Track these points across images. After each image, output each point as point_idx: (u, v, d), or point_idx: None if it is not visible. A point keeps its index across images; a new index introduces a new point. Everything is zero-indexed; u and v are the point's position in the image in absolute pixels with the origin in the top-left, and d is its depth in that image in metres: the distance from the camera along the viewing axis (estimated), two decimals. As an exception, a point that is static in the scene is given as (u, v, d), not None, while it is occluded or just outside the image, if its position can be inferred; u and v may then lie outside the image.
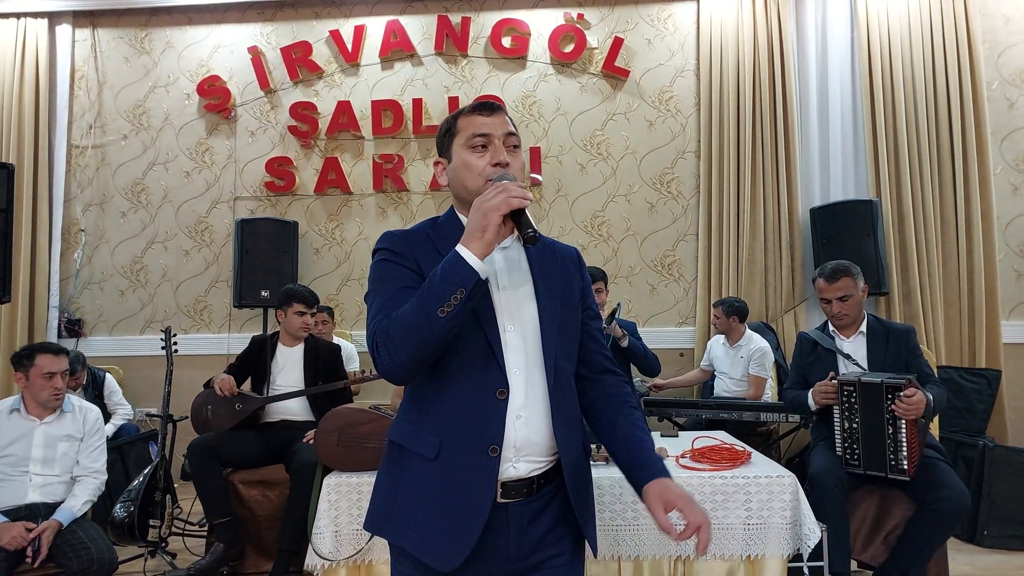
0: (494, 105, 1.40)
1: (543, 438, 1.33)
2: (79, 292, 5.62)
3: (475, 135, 1.36)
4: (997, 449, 3.90)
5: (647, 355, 3.77)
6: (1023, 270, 5.10)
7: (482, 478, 1.28)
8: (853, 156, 5.24)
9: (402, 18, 5.59)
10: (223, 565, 3.25)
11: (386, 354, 1.24)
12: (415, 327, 1.21)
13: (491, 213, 1.20)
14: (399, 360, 1.23)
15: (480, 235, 1.21)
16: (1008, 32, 5.20)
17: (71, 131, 5.70)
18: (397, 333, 1.23)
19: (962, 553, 3.61)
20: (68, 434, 2.91)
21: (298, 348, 3.69)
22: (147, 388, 5.31)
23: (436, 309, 1.19)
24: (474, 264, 1.20)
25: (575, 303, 1.44)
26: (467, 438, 1.29)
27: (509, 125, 1.39)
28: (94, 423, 3.00)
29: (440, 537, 1.27)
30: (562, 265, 1.44)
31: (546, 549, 1.34)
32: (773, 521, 2.36)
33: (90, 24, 5.75)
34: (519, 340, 1.34)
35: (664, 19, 5.50)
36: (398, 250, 1.36)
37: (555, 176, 5.48)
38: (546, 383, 1.33)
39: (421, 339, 1.21)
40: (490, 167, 1.34)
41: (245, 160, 5.63)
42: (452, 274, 1.20)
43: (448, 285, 1.19)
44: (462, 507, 1.28)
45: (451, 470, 1.29)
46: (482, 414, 1.29)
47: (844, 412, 2.85)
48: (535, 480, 1.33)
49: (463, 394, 1.30)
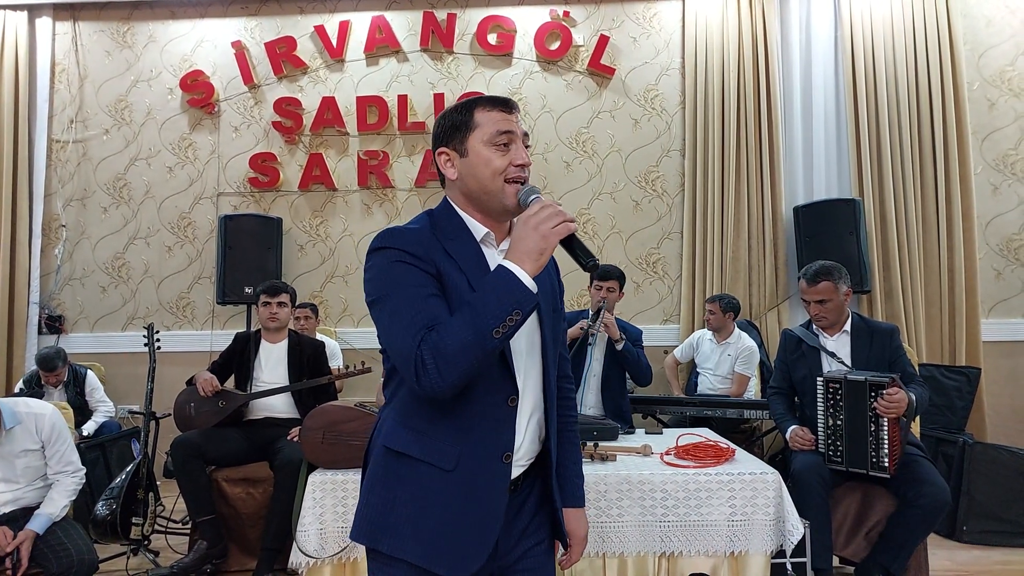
0: (512, 101, 1.36)
1: (531, 442, 1.37)
2: (60, 288, 5.55)
3: (501, 132, 1.31)
4: (977, 446, 3.95)
5: (640, 363, 3.71)
6: (1003, 269, 5.17)
7: (496, 485, 1.29)
8: (836, 155, 5.28)
9: (387, 14, 5.56)
10: (206, 563, 3.22)
11: (436, 373, 1.18)
12: (470, 347, 1.16)
13: (551, 238, 1.19)
14: (451, 379, 1.18)
15: (537, 257, 1.19)
16: (989, 33, 5.26)
17: (51, 125, 5.62)
18: (451, 352, 1.17)
19: (942, 549, 3.66)
20: (24, 448, 2.69)
21: (282, 345, 3.67)
22: (129, 385, 5.26)
23: (491, 330, 1.16)
24: (530, 286, 1.18)
25: (558, 307, 1.46)
26: (485, 447, 1.29)
27: (523, 125, 1.38)
28: (51, 428, 2.73)
29: (456, 545, 1.26)
30: (546, 271, 1.40)
31: (528, 538, 1.39)
32: (757, 518, 2.37)
33: (71, 17, 5.67)
34: (526, 346, 1.35)
35: (649, 17, 5.51)
36: (414, 252, 1.27)
37: (541, 173, 5.48)
38: (542, 387, 1.37)
39: (475, 359, 1.17)
40: (513, 167, 1.30)
41: (228, 156, 5.58)
42: (508, 294, 1.17)
43: (504, 306, 1.16)
44: (480, 515, 1.28)
45: (469, 479, 1.28)
46: (497, 422, 1.30)
47: (828, 410, 2.87)
48: (520, 480, 1.36)
49: (479, 403, 1.28)
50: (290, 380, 3.59)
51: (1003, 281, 5.17)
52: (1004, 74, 5.24)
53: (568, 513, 1.48)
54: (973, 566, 3.46)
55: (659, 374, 5.06)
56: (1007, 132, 5.22)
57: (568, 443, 1.52)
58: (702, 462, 2.53)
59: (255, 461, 3.46)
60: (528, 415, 1.35)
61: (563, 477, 1.48)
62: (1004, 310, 5.15)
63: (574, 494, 1.51)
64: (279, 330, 3.68)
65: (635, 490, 2.40)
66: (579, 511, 1.52)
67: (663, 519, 2.38)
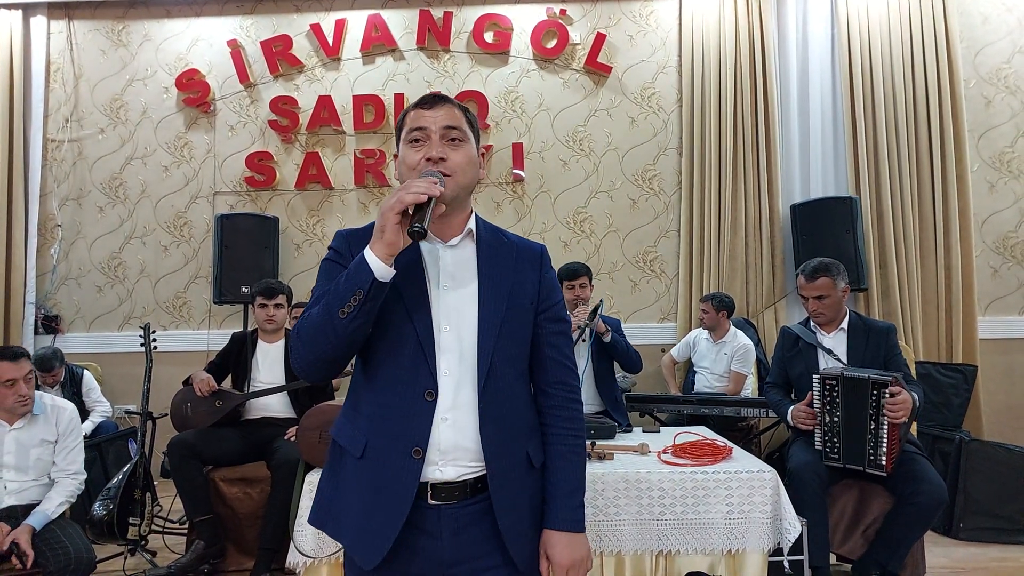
0: (437, 98, 1.36)
1: (472, 443, 1.29)
2: (56, 288, 5.54)
3: (412, 129, 1.34)
4: (973, 443, 3.95)
5: (629, 352, 3.77)
6: (999, 267, 5.18)
7: (403, 479, 1.27)
8: (833, 153, 5.29)
9: (384, 12, 5.55)
10: (204, 563, 3.22)
11: (295, 353, 1.27)
12: (320, 328, 1.22)
13: (387, 213, 1.18)
14: (307, 360, 1.26)
15: (380, 235, 1.19)
16: (985, 31, 5.27)
17: (47, 125, 5.60)
18: (305, 333, 1.25)
19: (938, 546, 3.66)
20: (42, 439, 2.82)
21: (278, 344, 3.67)
22: (126, 385, 5.25)
23: (338, 310, 1.20)
24: (373, 265, 1.18)
25: (525, 305, 1.37)
26: (391, 438, 1.28)
27: (452, 119, 1.33)
28: (68, 423, 2.89)
29: (364, 535, 1.29)
30: (516, 264, 1.39)
31: (485, 557, 1.30)
32: (754, 516, 2.37)
33: (65, 16, 5.65)
34: (455, 341, 1.30)
35: (646, 16, 5.51)
36: (340, 249, 1.35)
37: (538, 172, 5.48)
38: (476, 386, 1.29)
39: (326, 340, 1.22)
40: (424, 162, 1.30)
41: (224, 155, 5.57)
42: (354, 275, 1.20)
43: (349, 286, 1.20)
44: (384, 507, 1.27)
45: (376, 469, 1.29)
46: (408, 415, 1.28)
47: (825, 406, 2.88)
48: (468, 484, 1.30)
49: (392, 394, 1.29)
50: (287, 380, 3.58)
51: (999, 278, 5.18)
52: (1000, 71, 5.24)
53: (548, 537, 1.34)
54: (969, 563, 3.46)
55: (656, 372, 5.07)
56: (1003, 130, 5.22)
57: (560, 457, 1.38)
58: (699, 460, 2.53)
59: (252, 461, 3.45)
60: (448, 412, 1.28)
61: (548, 494, 1.36)
62: (1000, 307, 5.16)
63: (558, 515, 1.34)
64: (276, 331, 3.68)
65: (632, 489, 2.40)
66: (563, 535, 1.33)
67: (660, 517, 2.38)
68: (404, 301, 1.29)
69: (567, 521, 1.35)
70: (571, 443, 1.40)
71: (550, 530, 1.34)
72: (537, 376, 1.42)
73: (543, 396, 1.42)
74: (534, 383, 1.43)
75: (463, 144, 1.34)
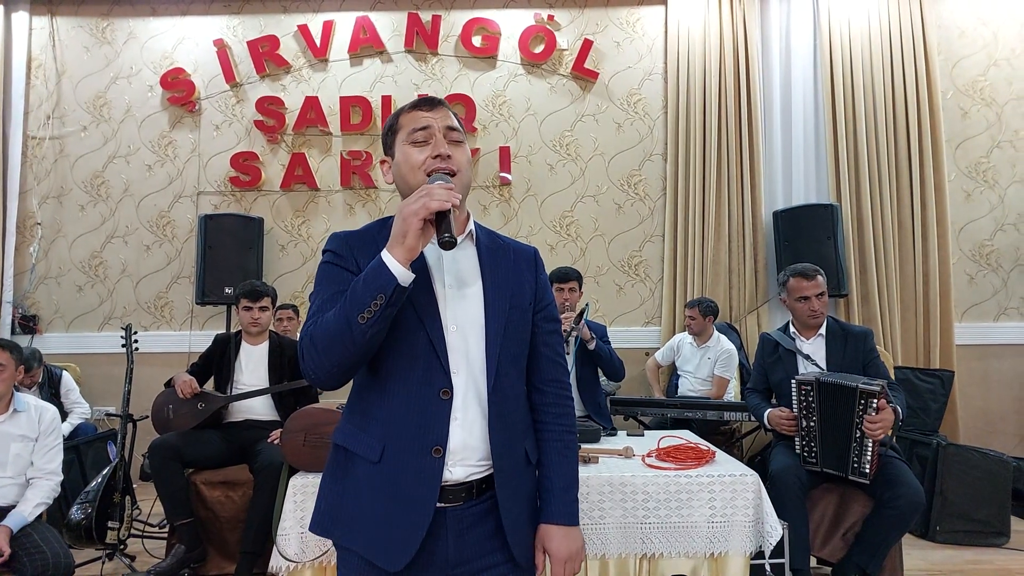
0: (435, 100, 1.39)
1: (479, 442, 1.31)
2: (34, 287, 5.46)
3: (415, 128, 1.34)
4: (950, 447, 4.02)
5: (612, 359, 3.78)
6: (975, 274, 5.28)
7: (425, 479, 1.27)
8: (815, 161, 5.36)
9: (372, 14, 5.54)
10: (184, 567, 3.19)
11: (310, 360, 1.24)
12: (337, 334, 1.20)
13: (410, 218, 1.17)
14: (324, 368, 1.23)
15: (401, 240, 1.18)
16: (962, 44, 5.37)
17: (27, 121, 5.53)
18: (321, 340, 1.22)
19: (916, 548, 3.72)
20: (22, 434, 2.80)
21: (262, 346, 3.65)
22: (105, 386, 5.19)
23: (357, 315, 1.17)
24: (394, 270, 1.18)
25: (525, 306, 1.40)
26: (411, 439, 1.27)
27: (451, 120, 1.36)
28: (50, 423, 2.88)
29: (387, 538, 1.27)
30: (515, 266, 1.41)
31: (488, 556, 1.32)
32: (736, 519, 2.40)
33: (48, 12, 5.59)
34: (461, 341, 1.31)
35: (633, 22, 5.56)
36: (339, 252, 1.34)
37: (524, 176, 5.50)
38: (486, 386, 1.31)
39: (344, 346, 1.20)
40: (431, 159, 1.32)
41: (209, 154, 5.53)
42: (373, 279, 1.18)
43: (369, 291, 1.18)
44: (407, 508, 1.27)
45: (395, 472, 1.28)
46: (426, 415, 1.28)
47: (802, 411, 2.91)
48: (473, 485, 1.31)
49: (406, 395, 1.28)
50: (271, 382, 3.57)
51: (975, 286, 5.27)
52: (976, 84, 5.35)
53: (546, 530, 1.37)
54: (946, 565, 3.52)
55: (640, 376, 5.10)
56: (979, 140, 5.33)
57: (554, 452, 1.41)
58: (683, 464, 2.56)
59: (234, 464, 3.42)
60: (459, 412, 1.29)
61: (544, 489, 1.40)
62: (976, 314, 5.26)
63: (555, 508, 1.38)
64: (260, 333, 3.66)
65: (617, 492, 2.41)
66: (560, 528, 1.37)
67: (644, 521, 2.40)
68: (414, 303, 1.29)
69: (564, 515, 1.38)
70: (566, 439, 1.43)
71: (547, 524, 1.37)
72: (532, 374, 1.44)
73: (537, 394, 1.44)
74: (528, 381, 1.44)
75: (462, 145, 1.38)
